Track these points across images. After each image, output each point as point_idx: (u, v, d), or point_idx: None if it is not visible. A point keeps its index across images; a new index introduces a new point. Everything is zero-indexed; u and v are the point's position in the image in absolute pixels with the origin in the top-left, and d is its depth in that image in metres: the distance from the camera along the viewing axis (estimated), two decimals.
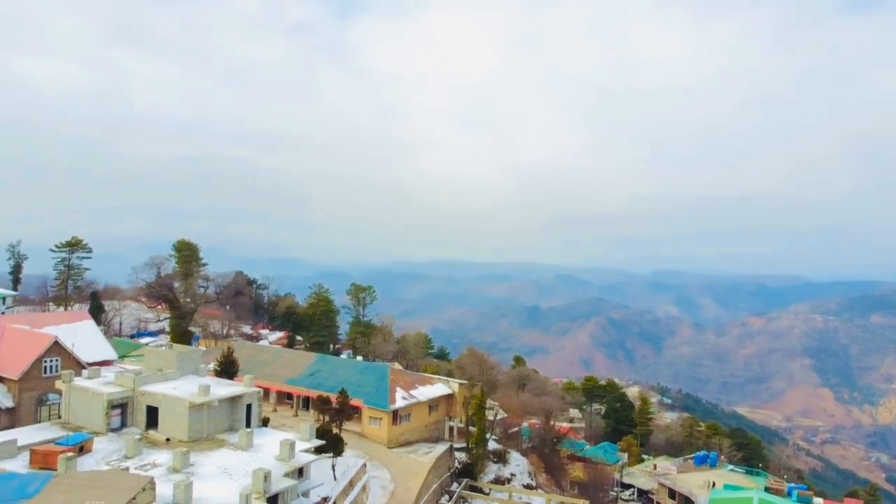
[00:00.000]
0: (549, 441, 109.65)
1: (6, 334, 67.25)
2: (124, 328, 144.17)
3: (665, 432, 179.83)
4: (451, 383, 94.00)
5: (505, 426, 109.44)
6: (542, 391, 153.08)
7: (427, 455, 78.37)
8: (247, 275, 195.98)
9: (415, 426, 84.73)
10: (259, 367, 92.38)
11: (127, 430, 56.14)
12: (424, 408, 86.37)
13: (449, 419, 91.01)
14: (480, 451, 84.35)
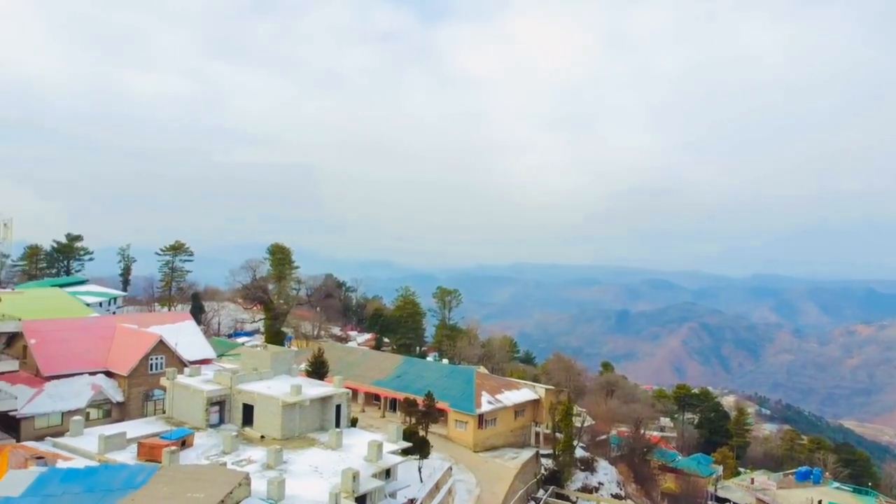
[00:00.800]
0: (639, 450, 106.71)
1: (117, 333, 71.73)
2: (222, 328, 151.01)
3: (763, 445, 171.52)
4: (537, 388, 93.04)
5: (593, 433, 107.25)
6: (631, 398, 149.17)
7: (513, 460, 77.86)
8: (336, 277, 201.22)
9: (500, 431, 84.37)
10: (348, 368, 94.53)
11: (224, 427, 58.66)
12: (510, 412, 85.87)
13: (535, 425, 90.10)
14: (567, 458, 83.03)
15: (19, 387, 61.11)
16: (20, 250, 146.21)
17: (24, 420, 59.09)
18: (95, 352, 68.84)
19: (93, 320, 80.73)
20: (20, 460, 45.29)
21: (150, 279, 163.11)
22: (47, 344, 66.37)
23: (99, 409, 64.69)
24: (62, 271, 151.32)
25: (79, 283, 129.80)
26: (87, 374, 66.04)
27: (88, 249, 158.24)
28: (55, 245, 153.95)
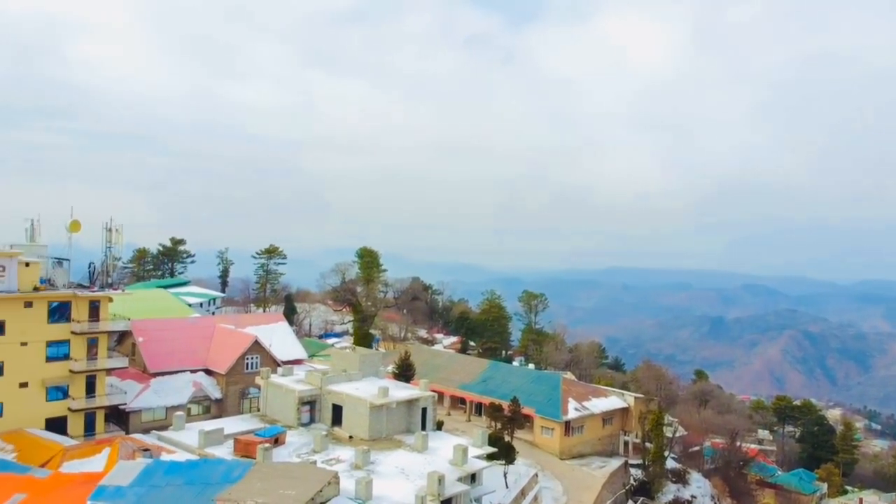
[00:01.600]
0: (734, 463, 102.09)
1: (216, 333, 75.20)
2: (313, 329, 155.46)
3: (873, 462, 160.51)
4: (626, 396, 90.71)
5: (685, 444, 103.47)
6: (726, 409, 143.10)
7: (601, 469, 76.21)
8: (423, 280, 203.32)
9: (588, 438, 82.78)
10: (434, 371, 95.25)
11: (315, 426, 60.33)
12: (598, 420, 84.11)
13: (624, 433, 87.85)
14: (658, 469, 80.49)
15: (128, 382, 65.10)
16: (129, 253, 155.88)
17: (132, 413, 62.88)
18: (196, 350, 72.41)
19: (194, 320, 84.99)
20: (129, 451, 48.15)
21: (247, 281, 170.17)
22: (153, 342, 70.37)
23: (199, 405, 67.97)
24: (167, 273, 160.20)
25: (181, 285, 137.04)
26: (189, 372, 69.57)
27: (190, 252, 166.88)
28: (161, 248, 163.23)
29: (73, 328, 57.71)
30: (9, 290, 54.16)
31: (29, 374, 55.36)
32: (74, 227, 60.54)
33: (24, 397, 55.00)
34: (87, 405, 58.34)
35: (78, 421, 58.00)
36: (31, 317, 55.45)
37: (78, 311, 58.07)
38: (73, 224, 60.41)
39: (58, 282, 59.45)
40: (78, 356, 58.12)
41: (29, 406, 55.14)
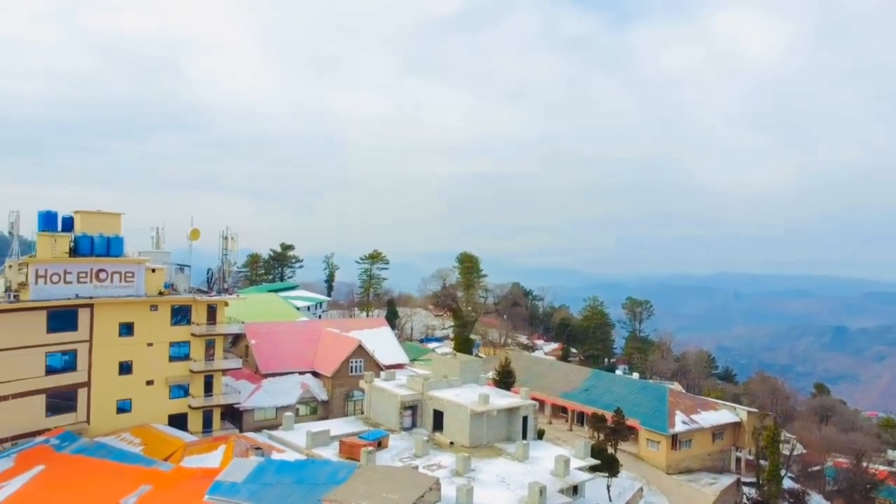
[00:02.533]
0: (860, 486, 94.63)
1: (322, 337, 77.83)
2: (414, 333, 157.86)
3: None
4: (738, 410, 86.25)
5: (803, 463, 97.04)
6: (850, 426, 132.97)
7: (710, 486, 72.86)
8: (523, 286, 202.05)
9: (696, 453, 79.33)
10: (534, 378, 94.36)
11: (416, 431, 61.15)
12: (707, 435, 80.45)
13: (736, 449, 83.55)
14: (774, 488, 75.93)
15: (242, 382, 68.49)
16: (243, 257, 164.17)
17: (245, 412, 66.09)
18: (304, 353, 75.24)
19: (302, 324, 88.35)
20: (242, 449, 50.59)
21: (351, 285, 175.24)
22: (265, 345, 73.76)
23: (307, 405, 70.53)
24: (277, 277, 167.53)
25: (290, 289, 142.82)
26: (297, 374, 72.36)
27: (299, 257, 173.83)
28: (272, 253, 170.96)
29: (192, 330, 61.40)
30: (137, 294, 58.33)
31: (154, 373, 59.35)
32: (194, 236, 64.53)
33: (150, 394, 59.01)
34: (205, 403, 61.87)
35: (197, 418, 61.59)
36: (156, 319, 59.47)
37: (197, 315, 61.75)
38: (193, 232, 64.40)
39: (179, 287, 63.43)
40: (197, 357, 61.77)
41: (154, 403, 59.11)
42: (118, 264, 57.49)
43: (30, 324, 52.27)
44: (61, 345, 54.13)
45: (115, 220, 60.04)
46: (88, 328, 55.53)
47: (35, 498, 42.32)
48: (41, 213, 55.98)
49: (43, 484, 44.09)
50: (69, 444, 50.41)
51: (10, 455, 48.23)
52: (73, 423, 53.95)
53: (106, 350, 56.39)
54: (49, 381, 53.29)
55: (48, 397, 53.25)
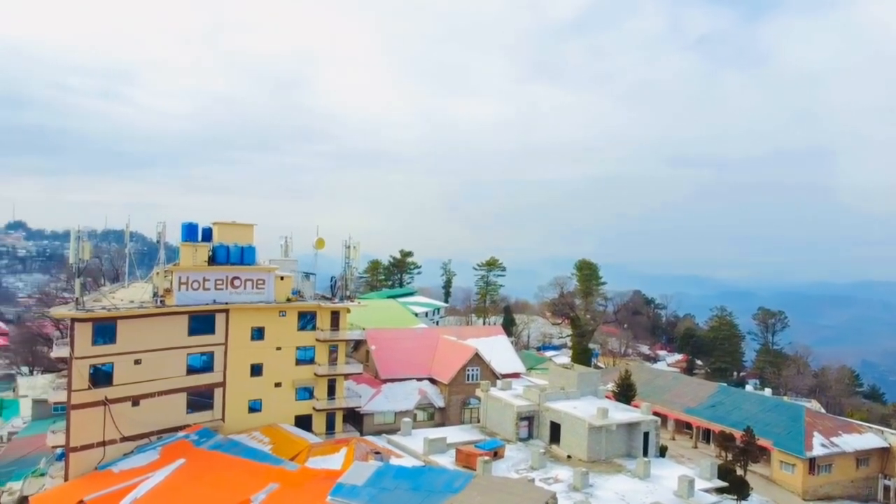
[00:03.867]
0: None
1: (439, 344, 78.90)
2: (531, 341, 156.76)
3: None
4: (886, 434, 78.83)
5: None
6: None
7: None
8: (644, 294, 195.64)
9: (837, 479, 73.25)
10: (656, 391, 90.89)
11: (533, 442, 60.57)
12: (850, 460, 74.05)
13: (884, 477, 76.33)
14: None
15: (362, 387, 70.70)
16: (364, 264, 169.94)
17: (365, 416, 68.18)
18: (422, 360, 76.61)
19: (420, 331, 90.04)
20: (363, 453, 52.19)
21: (468, 291, 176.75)
22: (384, 351, 75.80)
23: (424, 411, 71.71)
24: (396, 283, 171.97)
25: (409, 294, 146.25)
26: (415, 380, 73.76)
27: (417, 263, 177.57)
28: (391, 260, 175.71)
29: (317, 336, 64.12)
30: (267, 300, 61.74)
31: (282, 376, 62.51)
32: (320, 245, 67.47)
33: (279, 396, 62.18)
34: (328, 406, 64.40)
35: (321, 420, 64.21)
36: (284, 324, 62.65)
37: (322, 321, 64.43)
38: (319, 242, 67.35)
39: (305, 293, 66.48)
40: (321, 361, 64.43)
41: (282, 404, 62.23)
42: (251, 272, 61.16)
43: (174, 327, 56.59)
44: (200, 347, 58.22)
45: (248, 231, 63.98)
46: (224, 332, 59.40)
47: (177, 488, 45.69)
48: (184, 224, 60.63)
49: (184, 476, 47.52)
50: (206, 440, 54.04)
51: (156, 448, 52.36)
52: (209, 421, 57.82)
53: (239, 353, 60.07)
54: (189, 381, 57.44)
55: (189, 395, 57.37)
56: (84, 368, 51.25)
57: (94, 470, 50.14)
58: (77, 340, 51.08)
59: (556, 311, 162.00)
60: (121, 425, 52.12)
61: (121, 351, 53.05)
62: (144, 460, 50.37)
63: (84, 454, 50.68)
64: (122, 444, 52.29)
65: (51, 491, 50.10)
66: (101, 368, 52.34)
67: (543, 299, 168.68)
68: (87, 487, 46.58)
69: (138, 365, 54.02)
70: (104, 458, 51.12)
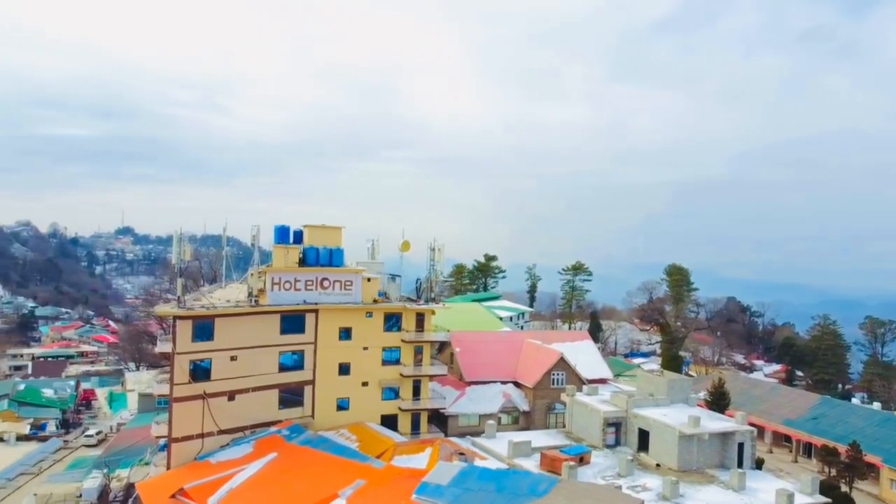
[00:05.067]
0: None
1: (524, 347, 78.34)
2: (618, 347, 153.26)
3: None
4: None
5: None
6: None
7: None
8: (739, 301, 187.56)
9: None
10: (752, 402, 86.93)
11: (620, 449, 59.11)
12: None
13: None
14: None
15: (447, 388, 71.06)
16: (449, 268, 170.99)
17: (450, 417, 68.44)
18: (506, 363, 76.23)
19: (505, 334, 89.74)
20: (447, 453, 52.50)
21: (553, 296, 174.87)
22: (469, 353, 75.93)
23: (508, 415, 71.29)
24: (480, 287, 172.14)
25: (493, 299, 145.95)
26: (500, 383, 73.45)
27: (502, 268, 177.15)
28: (476, 264, 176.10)
29: (403, 337, 65.03)
30: (354, 301, 63.19)
31: (369, 375, 63.75)
32: (405, 247, 68.43)
33: (365, 395, 63.43)
34: (413, 406, 65.14)
35: (406, 420, 65.02)
36: (371, 325, 63.91)
37: (407, 322, 65.30)
38: (404, 244, 68.31)
39: (391, 295, 67.61)
40: (407, 362, 65.28)
41: (368, 403, 63.44)
42: (339, 273, 62.81)
43: (267, 326, 58.83)
44: (291, 345, 60.24)
45: (337, 234, 65.80)
46: (314, 331, 61.20)
47: (270, 480, 47.41)
48: (277, 227, 63.03)
49: (276, 469, 49.26)
50: (297, 435, 55.80)
51: (250, 441, 54.54)
52: (300, 417, 59.67)
53: (328, 352, 61.72)
54: (281, 378, 59.52)
55: (280, 392, 59.42)
56: (185, 364, 54.04)
57: (194, 460, 52.74)
58: (178, 337, 53.95)
59: (645, 318, 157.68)
60: (218, 419, 54.60)
61: (218, 348, 55.63)
62: (239, 453, 52.56)
63: (184, 445, 53.41)
64: (218, 437, 54.77)
65: (155, 478, 53.10)
66: (200, 364, 55.07)
67: (632, 305, 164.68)
68: (187, 476, 49.04)
69: (234, 361, 56.48)
70: (202, 449, 53.69)
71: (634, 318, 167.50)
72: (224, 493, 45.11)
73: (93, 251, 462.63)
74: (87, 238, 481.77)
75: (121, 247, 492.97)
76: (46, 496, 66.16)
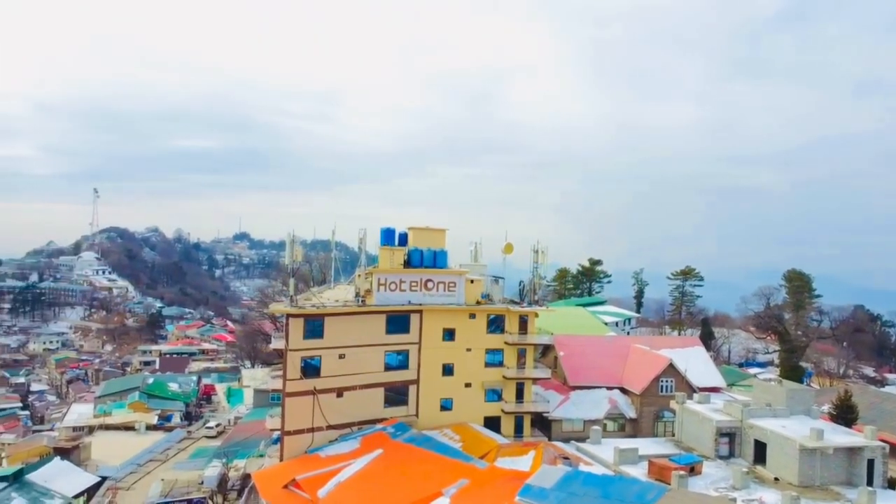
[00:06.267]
0: None
1: (631, 353, 76.24)
2: (732, 356, 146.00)
3: None
4: None
5: None
6: None
7: None
8: (868, 309, 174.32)
9: None
10: (883, 416, 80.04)
11: (734, 461, 56.28)
12: None
13: None
14: None
15: (550, 392, 70.30)
16: (552, 272, 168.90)
17: (554, 422, 67.65)
18: (612, 368, 74.46)
19: (610, 339, 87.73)
20: (551, 457, 51.83)
21: (661, 302, 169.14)
22: (573, 357, 74.78)
23: (614, 421, 69.58)
24: (585, 292, 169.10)
25: (598, 304, 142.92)
26: (605, 388, 71.85)
27: (607, 273, 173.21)
28: (580, 268, 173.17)
29: (506, 339, 64.90)
30: (458, 303, 63.72)
31: (472, 377, 64.04)
32: (508, 250, 68.33)
33: (468, 396, 63.76)
34: (516, 409, 64.83)
35: (509, 422, 64.80)
36: (474, 327, 64.22)
37: (510, 324, 65.14)
38: (507, 246, 68.23)
39: (494, 297, 67.68)
40: (510, 364, 65.08)
41: (471, 404, 63.71)
42: (443, 275, 63.56)
43: (373, 325, 60.43)
44: (396, 345, 61.54)
45: (440, 236, 66.65)
46: (418, 332, 62.24)
47: (376, 476, 48.63)
48: (383, 229, 64.66)
49: (381, 465, 50.45)
50: (401, 433, 56.89)
51: (357, 437, 56.16)
52: (404, 416, 60.82)
53: (432, 352, 62.56)
54: (387, 377, 60.94)
55: (386, 391, 60.85)
56: (296, 360, 56.42)
57: (304, 453, 54.94)
58: (291, 334, 56.40)
59: (761, 326, 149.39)
60: (327, 414, 56.60)
61: (327, 346, 57.73)
62: (347, 448, 54.26)
63: (296, 438, 55.75)
64: (327, 432, 56.79)
65: (269, 469, 55.71)
66: (310, 361, 57.33)
67: (747, 312, 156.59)
68: (298, 468, 51.15)
69: (342, 359, 58.41)
70: (312, 443, 55.84)
71: (749, 326, 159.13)
72: (333, 486, 46.69)
73: (213, 255, 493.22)
74: (207, 243, 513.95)
75: (238, 251, 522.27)
76: (172, 482, 71.00)
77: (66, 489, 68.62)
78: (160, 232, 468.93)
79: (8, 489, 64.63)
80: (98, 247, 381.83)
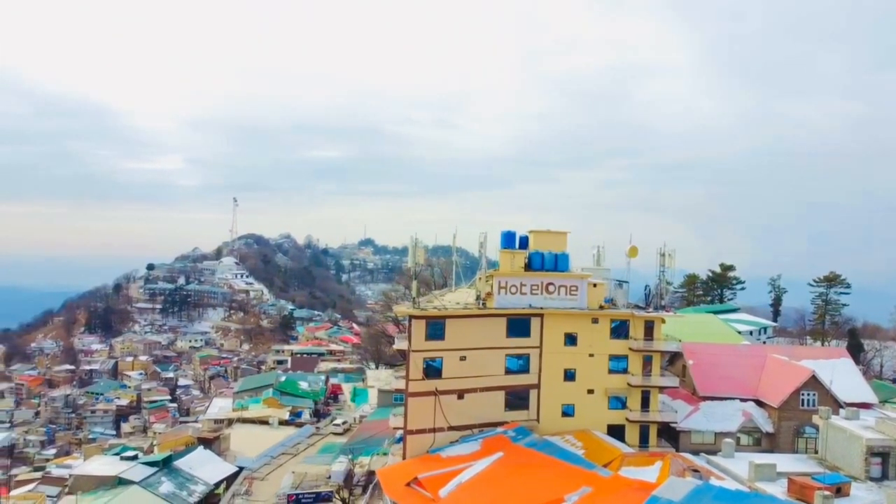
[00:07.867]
0: None
1: (767, 363, 71.52)
2: (885, 370, 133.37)
3: None
4: None
5: None
6: None
7: None
8: None
9: None
10: None
11: (888, 484, 51.41)
12: None
13: None
14: None
15: (678, 402, 67.28)
16: (680, 278, 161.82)
17: (682, 433, 64.65)
18: (746, 379, 70.16)
19: (744, 348, 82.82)
20: (679, 469, 49.58)
21: (801, 311, 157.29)
22: (703, 366, 71.22)
23: (749, 435, 65.50)
24: (715, 299, 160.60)
25: (731, 311, 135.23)
26: (739, 400, 67.79)
27: (740, 279, 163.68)
28: (710, 274, 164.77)
29: (630, 345, 62.87)
30: (580, 307, 62.48)
31: (594, 383, 62.51)
32: (632, 253, 66.22)
33: (591, 402, 62.28)
34: (641, 418, 62.57)
35: (634, 431, 62.64)
36: (596, 332, 62.71)
37: (635, 330, 63.03)
38: (632, 250, 66.14)
39: (618, 302, 65.77)
40: (634, 371, 62.96)
41: (594, 411, 62.18)
42: (564, 278, 62.54)
43: (494, 328, 60.49)
44: (517, 349, 61.23)
45: (562, 239, 65.69)
46: (539, 336, 61.61)
47: (496, 478, 48.54)
48: (503, 232, 64.57)
49: (502, 468, 50.27)
50: (522, 437, 56.48)
51: (478, 440, 56.33)
52: (525, 420, 60.35)
53: (553, 357, 61.73)
54: (507, 380, 60.76)
55: (506, 394, 60.68)
56: (419, 361, 57.54)
57: (426, 453, 55.83)
58: (413, 335, 57.64)
59: None
60: (448, 415, 57.28)
61: (448, 347, 58.45)
62: (468, 449, 54.56)
63: (418, 438, 56.82)
64: (448, 433, 57.43)
65: (392, 467, 57.15)
66: (432, 363, 58.28)
67: None
68: (420, 467, 52.06)
69: (463, 361, 58.91)
70: (433, 443, 56.63)
71: None
72: (454, 487, 47.07)
73: (340, 260, 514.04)
74: (335, 249, 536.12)
75: (363, 257, 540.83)
76: (302, 475, 74.49)
77: (208, 476, 74.07)
78: (292, 238, 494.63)
79: (158, 474, 70.63)
80: (237, 252, 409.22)
